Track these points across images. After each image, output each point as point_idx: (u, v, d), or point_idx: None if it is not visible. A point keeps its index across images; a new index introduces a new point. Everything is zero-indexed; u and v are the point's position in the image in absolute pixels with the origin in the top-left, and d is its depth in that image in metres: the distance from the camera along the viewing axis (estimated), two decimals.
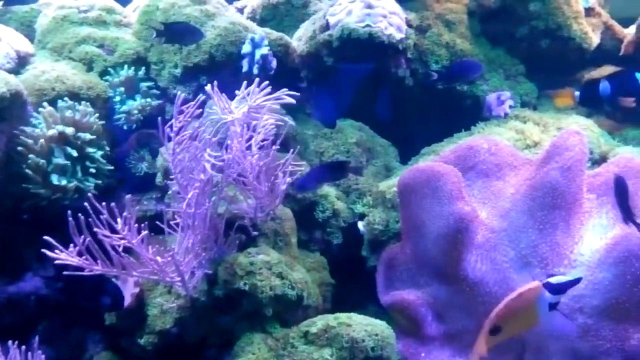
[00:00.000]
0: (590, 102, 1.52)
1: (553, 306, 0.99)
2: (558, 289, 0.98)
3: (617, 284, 1.10)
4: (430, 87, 1.74)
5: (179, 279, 1.17)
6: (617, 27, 1.87)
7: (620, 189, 1.10)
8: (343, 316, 1.16)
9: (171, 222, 1.23)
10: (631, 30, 1.79)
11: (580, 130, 1.24)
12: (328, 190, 1.54)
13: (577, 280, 0.99)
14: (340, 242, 1.53)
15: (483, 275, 1.20)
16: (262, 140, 1.23)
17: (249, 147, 1.26)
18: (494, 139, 1.37)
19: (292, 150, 1.31)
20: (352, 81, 1.75)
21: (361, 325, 1.13)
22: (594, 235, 1.19)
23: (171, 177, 1.24)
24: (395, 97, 1.77)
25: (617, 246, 1.11)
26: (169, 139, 1.20)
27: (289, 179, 1.26)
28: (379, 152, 1.72)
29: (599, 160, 1.47)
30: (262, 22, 1.95)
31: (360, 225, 1.51)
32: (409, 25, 1.69)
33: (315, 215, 1.51)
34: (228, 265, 1.20)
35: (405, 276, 1.30)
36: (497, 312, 1.01)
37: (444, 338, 1.22)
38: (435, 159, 1.40)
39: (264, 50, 1.57)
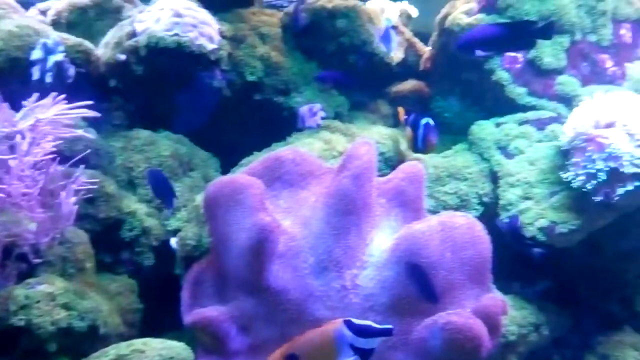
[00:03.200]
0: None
1: (359, 352, 0.95)
2: (359, 330, 0.95)
3: (400, 280, 1.19)
4: (247, 98, 1.75)
5: None
6: (419, 44, 2.07)
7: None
8: (138, 342, 1.10)
9: None
10: (429, 47, 2.00)
11: (370, 140, 1.33)
12: (136, 206, 1.46)
13: (386, 331, 0.95)
14: (153, 262, 1.46)
15: (285, 283, 1.22)
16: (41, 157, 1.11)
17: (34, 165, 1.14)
18: (299, 150, 1.42)
19: (81, 166, 1.21)
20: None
21: (156, 350, 1.07)
22: (384, 237, 1.27)
23: None
24: (215, 107, 1.75)
25: (399, 245, 1.20)
26: None
27: (73, 199, 1.16)
28: (198, 164, 1.68)
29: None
30: (69, 27, 1.79)
31: (173, 241, 1.46)
32: (223, 36, 1.68)
33: (122, 235, 1.42)
34: (2, 300, 1.06)
35: (212, 292, 1.28)
36: (295, 340, 1.00)
37: (249, 351, 1.21)
38: (243, 171, 1.40)
39: (59, 56, 1.45)
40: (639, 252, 1.45)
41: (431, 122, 1.43)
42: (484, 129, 1.57)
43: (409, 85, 1.96)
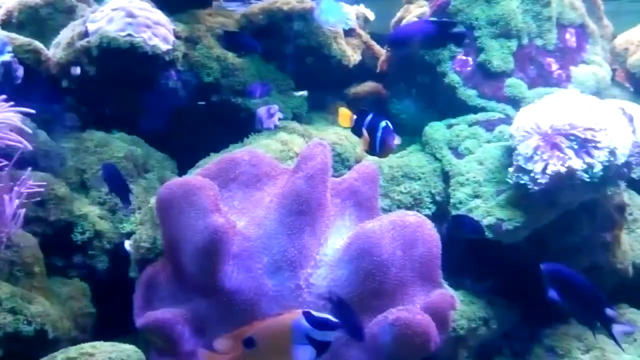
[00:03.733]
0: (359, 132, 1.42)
1: (315, 344, 0.95)
2: (317, 322, 0.95)
3: (353, 279, 1.21)
4: (205, 99, 1.75)
5: None
6: (376, 46, 2.10)
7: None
8: (87, 346, 1.09)
9: None
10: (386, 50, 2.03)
11: (324, 141, 1.35)
12: (89, 209, 1.43)
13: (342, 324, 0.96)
14: (106, 265, 1.44)
15: (239, 284, 1.23)
16: None
17: None
18: (254, 151, 1.42)
19: (29, 168, 1.19)
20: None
21: (105, 354, 1.06)
22: (338, 236, 1.29)
23: None
24: (171, 108, 1.74)
25: (352, 245, 1.22)
26: None
27: (17, 202, 1.14)
28: (153, 165, 1.66)
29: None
30: (19, 27, 1.76)
31: (127, 244, 1.44)
32: (178, 37, 1.67)
33: (74, 238, 1.39)
34: None
35: (165, 295, 1.27)
36: (253, 324, 1.00)
37: None
38: (198, 172, 1.40)
39: (6, 57, 1.42)
40: (582, 247, 1.52)
41: (390, 125, 1.35)
42: (437, 130, 1.62)
43: (366, 87, 2.00)
